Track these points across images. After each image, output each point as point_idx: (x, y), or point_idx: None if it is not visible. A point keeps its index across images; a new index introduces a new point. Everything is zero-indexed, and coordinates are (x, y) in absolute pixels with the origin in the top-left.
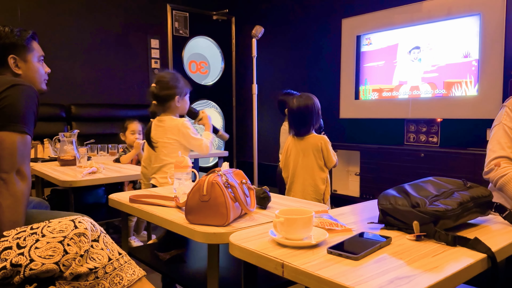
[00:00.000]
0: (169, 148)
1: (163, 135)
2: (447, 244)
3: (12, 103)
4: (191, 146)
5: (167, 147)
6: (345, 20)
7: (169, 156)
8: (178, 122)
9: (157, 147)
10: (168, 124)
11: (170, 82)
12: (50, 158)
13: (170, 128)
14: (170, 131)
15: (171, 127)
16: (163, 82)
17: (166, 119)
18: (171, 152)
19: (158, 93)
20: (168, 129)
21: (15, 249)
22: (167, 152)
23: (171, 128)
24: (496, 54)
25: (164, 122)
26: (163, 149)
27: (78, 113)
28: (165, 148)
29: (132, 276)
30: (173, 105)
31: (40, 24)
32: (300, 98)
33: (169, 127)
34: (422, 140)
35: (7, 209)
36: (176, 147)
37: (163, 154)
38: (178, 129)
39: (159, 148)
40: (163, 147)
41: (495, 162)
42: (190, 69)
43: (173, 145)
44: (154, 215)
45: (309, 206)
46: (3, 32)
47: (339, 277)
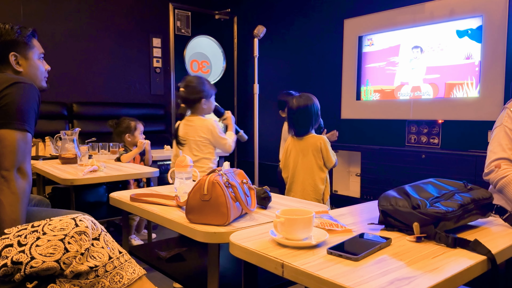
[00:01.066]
0: (201, 145)
1: (194, 134)
2: (447, 245)
3: (13, 101)
4: (217, 144)
5: (198, 144)
6: (347, 21)
7: (201, 152)
8: (208, 122)
9: (186, 145)
10: (198, 123)
11: (197, 86)
12: (51, 156)
13: (200, 127)
14: (200, 130)
15: (202, 127)
16: (191, 86)
17: (195, 119)
18: (203, 148)
19: (187, 97)
20: (198, 128)
21: (16, 247)
22: (199, 148)
23: (202, 127)
24: (498, 56)
25: (193, 122)
26: (195, 146)
27: (80, 111)
28: (196, 145)
29: (132, 275)
30: (200, 107)
31: (43, 22)
32: (300, 99)
33: (199, 126)
34: (423, 142)
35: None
36: (207, 144)
37: (196, 150)
38: (207, 128)
39: (189, 145)
40: (195, 144)
41: (495, 164)
42: (192, 68)
43: (203, 142)
44: (155, 214)
45: (310, 206)
46: (4, 30)
47: (339, 278)
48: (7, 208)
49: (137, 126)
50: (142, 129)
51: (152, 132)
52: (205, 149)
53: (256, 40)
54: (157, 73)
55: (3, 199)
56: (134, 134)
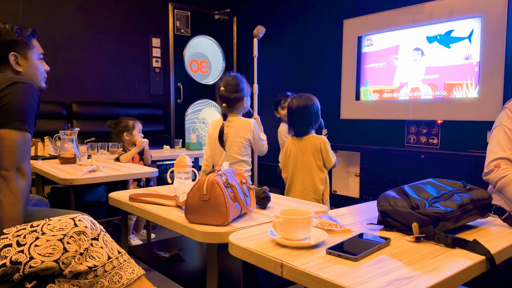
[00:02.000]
0: (241, 147)
1: (235, 134)
2: (446, 246)
3: (13, 100)
4: (256, 145)
5: (239, 146)
6: (347, 21)
7: (240, 154)
8: (249, 122)
9: (226, 146)
10: (239, 124)
11: (239, 85)
12: (50, 156)
13: (242, 128)
14: (242, 131)
15: (243, 127)
16: (232, 85)
17: (235, 119)
18: (244, 151)
19: (228, 96)
20: (240, 129)
21: (15, 247)
22: (239, 150)
23: (244, 128)
24: (498, 56)
25: (234, 122)
26: (235, 148)
27: (79, 111)
28: (236, 146)
29: (131, 275)
30: (241, 106)
31: (42, 22)
32: (300, 99)
33: (241, 127)
34: (423, 142)
35: (7, 207)
36: (245, 146)
37: (235, 152)
38: (250, 129)
39: (228, 147)
40: (235, 146)
41: (495, 164)
42: (191, 68)
43: (243, 144)
44: (154, 214)
45: (309, 206)
46: (4, 30)
47: (338, 278)
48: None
49: (135, 125)
50: (141, 128)
51: (152, 132)
52: (245, 150)
53: (255, 40)
54: (156, 73)
55: (3, 199)
56: (132, 133)
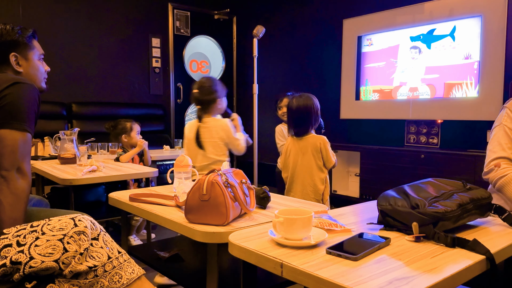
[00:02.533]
0: (217, 147)
1: (210, 135)
2: (446, 245)
3: (13, 101)
4: (231, 144)
5: (215, 146)
6: (347, 21)
7: (216, 154)
8: (223, 122)
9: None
10: (212, 124)
11: (212, 87)
12: (50, 156)
13: (215, 128)
14: (215, 131)
15: (216, 127)
16: (205, 87)
17: (209, 120)
18: (219, 151)
19: (201, 98)
20: (213, 129)
21: (15, 247)
22: (214, 150)
23: (216, 128)
24: (497, 56)
25: (208, 123)
26: (211, 148)
27: (79, 111)
28: (212, 146)
29: (131, 275)
30: (215, 107)
31: (42, 22)
32: (300, 98)
33: (214, 127)
34: (423, 141)
35: (7, 207)
36: (222, 146)
37: (211, 152)
38: (223, 128)
39: (204, 147)
40: (211, 146)
41: (495, 163)
42: (191, 68)
43: (218, 144)
44: (154, 214)
45: (309, 206)
46: (5, 30)
47: (338, 278)
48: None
49: (132, 126)
50: (139, 130)
51: (151, 132)
52: (220, 150)
53: (255, 40)
54: (156, 73)
55: (3, 199)
56: (130, 134)
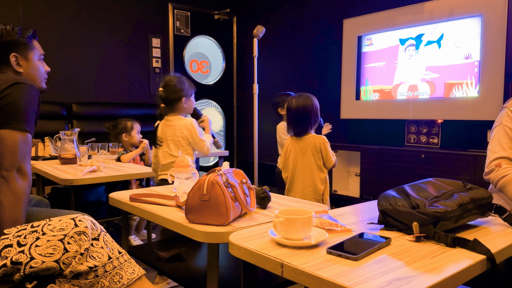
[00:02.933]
0: (179, 145)
1: (173, 133)
2: (447, 245)
3: (14, 101)
4: (195, 145)
5: (177, 144)
6: (347, 21)
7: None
8: (187, 121)
9: (163, 145)
10: (177, 123)
11: (177, 85)
12: (50, 156)
13: (179, 126)
14: (179, 129)
15: (180, 126)
16: (170, 85)
17: (174, 118)
18: (182, 148)
19: (166, 96)
20: (177, 128)
21: (16, 247)
22: (177, 148)
23: (180, 127)
24: (498, 56)
25: (172, 122)
26: (174, 146)
27: (79, 111)
28: (175, 144)
29: (132, 275)
30: (181, 106)
31: (42, 23)
32: (299, 98)
33: (178, 125)
34: (423, 141)
35: (8, 207)
36: (185, 145)
37: (174, 150)
38: (187, 128)
39: (166, 146)
40: (174, 144)
41: (495, 163)
42: (191, 68)
43: (181, 142)
44: (154, 214)
45: (309, 206)
46: (5, 30)
47: (338, 277)
48: (7, 208)
49: (133, 126)
50: (139, 129)
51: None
52: (184, 149)
53: (255, 40)
54: (156, 73)
55: (3, 199)
56: (131, 134)
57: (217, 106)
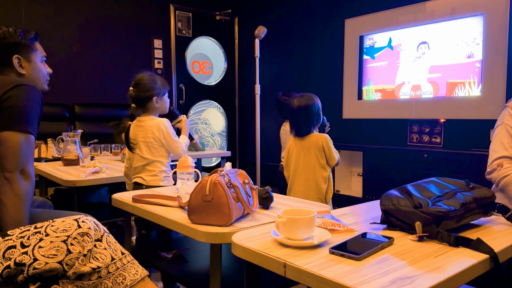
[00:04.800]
0: (151, 147)
1: (144, 134)
2: (450, 244)
3: (16, 103)
4: (168, 146)
5: (149, 146)
6: (348, 21)
7: (152, 154)
8: (159, 121)
9: (136, 147)
10: (148, 123)
11: (147, 84)
12: (53, 157)
13: (150, 127)
14: (150, 130)
15: (152, 126)
16: (141, 84)
17: (146, 119)
18: (154, 151)
19: (137, 95)
20: (148, 128)
21: (19, 248)
22: (150, 150)
23: (152, 127)
24: (500, 55)
25: (144, 122)
26: (146, 148)
27: (82, 113)
28: (147, 146)
29: (135, 276)
30: (152, 106)
31: (44, 25)
32: (301, 98)
33: (149, 126)
34: (425, 141)
35: (11, 208)
36: (157, 146)
37: (146, 153)
38: (158, 128)
39: (139, 148)
40: (146, 146)
41: (497, 163)
42: (193, 69)
43: (154, 144)
44: (157, 215)
45: (312, 206)
46: (7, 32)
47: (341, 277)
48: (10, 210)
49: None
50: None
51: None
52: (156, 151)
53: (257, 40)
54: (158, 74)
55: (6, 201)
56: None
57: (219, 106)
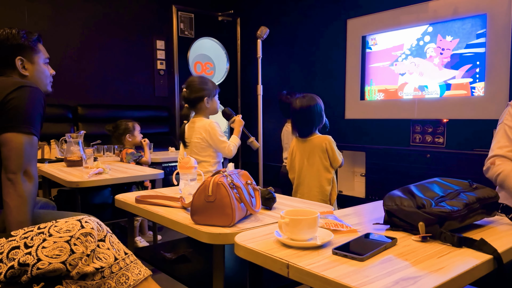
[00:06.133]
0: (199, 147)
1: (194, 135)
2: (453, 245)
3: (19, 104)
4: (216, 146)
5: (197, 146)
6: (350, 21)
7: (199, 154)
8: (206, 122)
9: (189, 147)
10: (197, 124)
11: (199, 85)
12: (56, 159)
13: (198, 128)
14: (198, 131)
15: (199, 127)
16: (192, 85)
17: (196, 120)
18: (202, 151)
19: (189, 97)
20: (196, 129)
21: (23, 249)
22: (198, 151)
23: (199, 128)
24: (503, 54)
25: (195, 123)
26: (194, 148)
27: (85, 114)
28: (195, 147)
29: (138, 276)
30: (204, 106)
31: (47, 26)
32: (303, 99)
33: (198, 127)
34: (428, 141)
35: (14, 209)
36: (206, 146)
37: (194, 153)
38: (205, 129)
39: (190, 147)
40: (194, 146)
41: (490, 161)
42: (196, 70)
43: (201, 144)
44: (160, 215)
45: (315, 207)
46: (10, 34)
47: (344, 278)
48: (14, 211)
49: (134, 126)
50: (139, 129)
51: (156, 134)
52: (203, 151)
53: (259, 41)
54: (160, 75)
55: (10, 202)
56: (134, 134)
57: (222, 107)
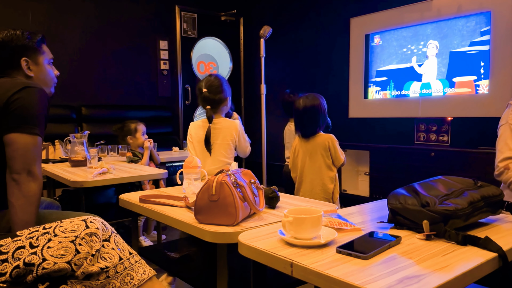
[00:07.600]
0: (228, 149)
1: (223, 137)
2: (457, 243)
3: (24, 105)
4: (240, 146)
5: (226, 148)
6: (354, 19)
7: (226, 156)
8: (235, 123)
9: (213, 149)
10: (224, 125)
11: (221, 85)
12: (61, 159)
13: (227, 129)
14: (228, 132)
15: (229, 128)
16: (214, 86)
17: (219, 121)
18: (228, 153)
19: (213, 98)
20: (226, 131)
21: (28, 249)
22: (225, 152)
23: (229, 129)
24: (507, 52)
25: (219, 124)
26: (222, 151)
27: (89, 114)
28: (223, 149)
29: (142, 276)
30: (225, 107)
31: (51, 27)
32: (307, 99)
33: (226, 128)
34: (433, 139)
35: (19, 209)
36: (231, 148)
37: (222, 155)
38: (236, 130)
39: (215, 150)
40: (222, 149)
41: (504, 165)
42: (199, 69)
43: (229, 146)
44: (164, 215)
45: (318, 205)
46: (15, 35)
47: (348, 277)
48: (19, 211)
49: (137, 127)
50: (144, 130)
51: (160, 134)
52: (230, 152)
53: (262, 40)
54: (164, 75)
55: (15, 202)
56: (135, 135)
57: None
